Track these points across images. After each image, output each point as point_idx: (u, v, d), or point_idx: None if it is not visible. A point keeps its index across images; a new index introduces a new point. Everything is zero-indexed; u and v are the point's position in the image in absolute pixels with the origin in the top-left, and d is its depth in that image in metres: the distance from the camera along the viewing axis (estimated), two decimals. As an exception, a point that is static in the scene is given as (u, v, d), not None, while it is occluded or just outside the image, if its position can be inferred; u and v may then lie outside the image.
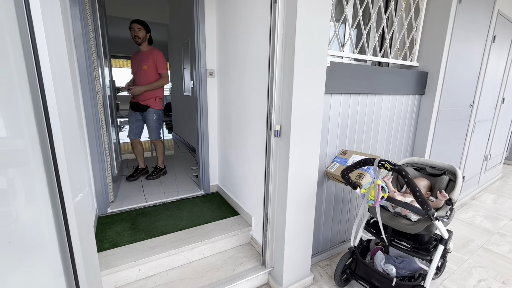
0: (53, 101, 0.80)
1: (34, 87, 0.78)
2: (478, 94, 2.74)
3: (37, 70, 0.77)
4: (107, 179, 2.16)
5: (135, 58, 2.72)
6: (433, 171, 1.74)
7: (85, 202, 0.96)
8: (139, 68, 2.64)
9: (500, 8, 2.60)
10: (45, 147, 0.83)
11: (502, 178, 3.95)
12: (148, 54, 2.64)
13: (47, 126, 0.80)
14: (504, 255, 2.08)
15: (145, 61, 2.61)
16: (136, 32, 2.58)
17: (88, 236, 1.01)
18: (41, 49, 0.76)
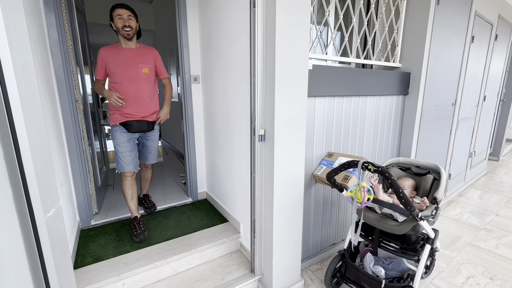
0: (19, 112, 0.75)
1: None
2: (460, 92, 2.80)
3: None
4: (90, 190, 2.09)
5: (115, 56, 1.85)
6: (418, 170, 1.75)
7: (58, 217, 0.91)
8: (134, 72, 1.88)
9: (477, 9, 2.68)
10: (11, 161, 0.79)
11: (487, 174, 4.04)
12: (143, 53, 1.96)
13: (12, 138, 0.76)
14: (491, 251, 2.11)
15: (142, 61, 1.93)
16: (126, 21, 1.81)
17: (63, 253, 0.96)
18: (3, 56, 0.72)
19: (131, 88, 1.88)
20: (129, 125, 1.92)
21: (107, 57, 1.84)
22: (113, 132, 1.92)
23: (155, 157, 2.22)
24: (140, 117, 1.96)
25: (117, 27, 1.83)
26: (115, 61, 1.85)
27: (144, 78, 1.93)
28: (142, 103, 1.94)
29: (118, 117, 1.90)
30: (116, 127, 1.92)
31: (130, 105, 1.89)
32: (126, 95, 1.87)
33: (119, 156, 1.93)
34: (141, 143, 2.12)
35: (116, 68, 1.85)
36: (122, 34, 1.85)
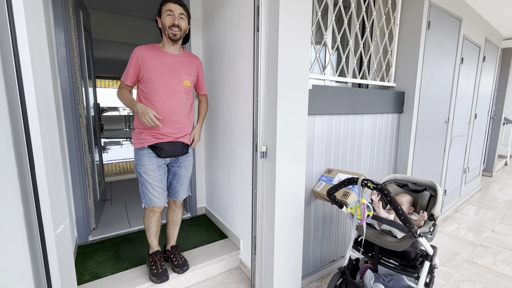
0: (37, 133, 0.78)
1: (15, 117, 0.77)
2: (452, 111, 2.91)
3: (21, 101, 0.76)
4: (89, 205, 2.08)
5: (155, 60, 1.50)
6: (415, 187, 1.80)
7: (66, 233, 0.92)
8: (174, 83, 1.53)
9: (465, 33, 2.84)
10: (24, 178, 0.81)
11: (481, 189, 4.11)
12: (187, 61, 1.61)
13: (28, 157, 0.79)
14: (488, 267, 2.13)
15: (185, 71, 1.57)
16: (177, 19, 1.47)
17: (69, 271, 0.96)
18: (27, 82, 0.76)
19: (168, 102, 1.51)
20: (160, 148, 1.54)
21: (145, 59, 1.47)
22: (139, 156, 1.53)
23: (188, 190, 1.77)
24: (174, 139, 1.58)
25: (163, 25, 1.48)
26: (154, 65, 1.48)
27: (184, 92, 1.57)
28: (179, 122, 1.58)
29: (147, 138, 1.51)
30: (144, 150, 1.52)
31: (165, 124, 1.52)
32: (161, 110, 1.49)
33: (147, 187, 1.54)
34: (171, 171, 1.69)
35: (154, 74, 1.48)
36: (168, 34, 1.49)
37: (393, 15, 2.21)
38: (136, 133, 1.57)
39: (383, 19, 2.14)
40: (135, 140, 1.56)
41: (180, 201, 1.75)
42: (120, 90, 1.54)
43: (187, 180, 1.74)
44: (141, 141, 1.53)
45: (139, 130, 1.55)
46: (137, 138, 1.56)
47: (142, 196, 1.59)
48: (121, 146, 7.33)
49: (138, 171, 1.56)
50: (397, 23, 2.23)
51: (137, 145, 1.55)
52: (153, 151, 1.54)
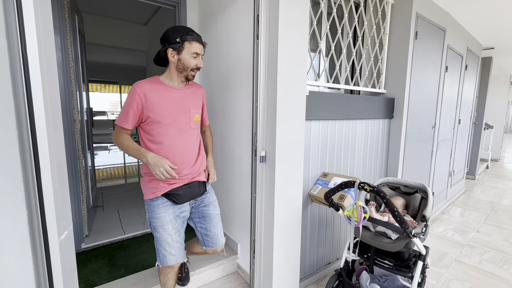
0: (44, 137, 0.78)
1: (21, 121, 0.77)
2: (438, 116, 3.04)
3: (28, 104, 0.76)
4: (82, 212, 2.03)
5: (162, 98, 1.28)
6: (406, 189, 1.87)
7: (70, 240, 0.91)
8: (185, 120, 1.34)
9: (449, 43, 2.99)
10: (28, 184, 0.80)
11: (466, 192, 4.28)
12: (193, 93, 1.41)
13: (35, 162, 0.78)
14: (475, 267, 2.22)
15: (193, 105, 1.39)
16: (200, 61, 1.32)
17: (71, 279, 0.94)
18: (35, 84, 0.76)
19: (180, 143, 1.32)
20: (176, 194, 1.31)
21: (148, 97, 1.23)
22: (153, 208, 1.30)
23: (222, 235, 1.51)
24: (190, 179, 1.37)
25: (185, 64, 1.26)
26: (160, 104, 1.25)
27: (195, 127, 1.40)
28: (192, 161, 1.37)
29: (160, 186, 1.29)
30: (158, 200, 1.29)
31: (178, 167, 1.30)
32: (173, 154, 1.29)
33: (162, 245, 1.30)
34: (198, 215, 1.45)
35: (162, 115, 1.25)
36: (187, 75, 1.30)
37: (383, 25, 2.31)
38: (145, 181, 1.32)
39: (374, 28, 2.24)
40: (145, 189, 1.32)
41: (221, 246, 1.48)
42: (119, 136, 1.25)
43: (220, 219, 1.50)
44: (152, 190, 1.29)
45: (149, 178, 1.30)
46: (147, 187, 1.31)
47: (157, 253, 1.34)
48: (108, 151, 7.17)
49: (153, 225, 1.31)
50: (386, 33, 2.34)
51: (149, 195, 1.30)
52: (168, 199, 1.31)
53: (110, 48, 5.89)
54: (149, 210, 1.32)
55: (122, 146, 1.25)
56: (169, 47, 1.24)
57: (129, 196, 3.18)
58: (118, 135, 1.27)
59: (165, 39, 1.26)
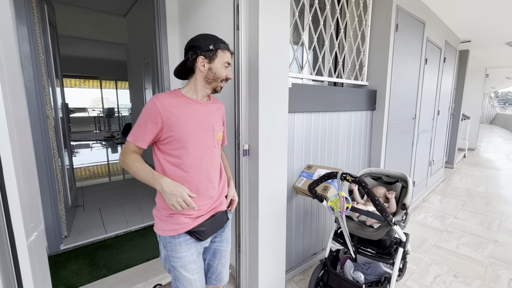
0: (5, 134, 0.72)
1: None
2: (418, 108, 3.13)
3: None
4: (60, 212, 1.95)
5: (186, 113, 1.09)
6: (388, 179, 1.91)
7: (40, 241, 0.86)
8: (209, 139, 1.15)
9: (428, 35, 3.06)
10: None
11: (444, 180, 4.46)
12: (215, 109, 1.22)
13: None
14: (453, 251, 2.33)
15: (217, 123, 1.20)
16: (230, 72, 1.16)
17: (43, 280, 0.90)
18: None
19: (204, 165, 1.12)
20: (202, 231, 1.12)
21: (171, 114, 1.04)
22: (173, 246, 1.09)
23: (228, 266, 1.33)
24: (212, 210, 1.17)
25: (216, 74, 1.11)
26: (184, 121, 1.06)
27: (217, 147, 1.20)
28: (215, 186, 1.18)
29: (183, 222, 1.08)
30: (179, 238, 1.09)
31: (201, 195, 1.11)
32: (197, 178, 1.10)
33: (184, 284, 1.11)
34: (209, 251, 1.25)
35: (186, 133, 1.07)
36: (216, 86, 1.15)
37: (365, 17, 2.32)
38: (162, 215, 1.09)
39: (355, 21, 2.24)
40: (162, 224, 1.08)
41: (224, 285, 1.32)
42: (128, 156, 1.03)
43: (229, 255, 1.31)
44: (173, 227, 1.07)
45: (168, 211, 1.07)
46: (166, 222, 1.08)
47: None
48: (91, 149, 6.93)
49: (172, 264, 1.10)
50: (368, 25, 2.35)
51: (168, 231, 1.07)
52: (192, 236, 1.10)
53: (87, 41, 5.64)
54: (168, 248, 1.09)
55: (131, 167, 1.03)
56: (201, 54, 1.08)
57: (112, 195, 3.09)
58: (127, 154, 1.04)
59: (195, 46, 1.09)
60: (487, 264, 2.12)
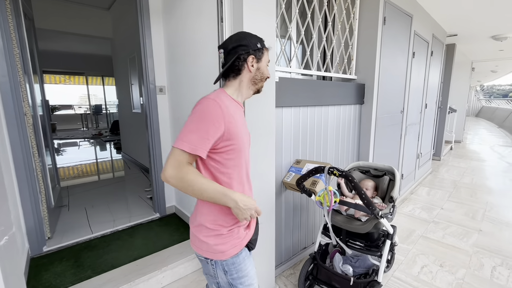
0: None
1: None
2: (406, 101, 3.16)
3: None
4: (42, 213, 1.88)
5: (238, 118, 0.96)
6: (376, 172, 1.92)
7: (12, 246, 0.82)
8: (248, 144, 1.06)
9: (415, 29, 3.07)
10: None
11: (432, 172, 4.56)
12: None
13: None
14: (439, 241, 2.38)
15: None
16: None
17: (17, 283, 0.86)
18: None
19: (246, 173, 1.05)
20: (255, 239, 1.08)
21: (232, 117, 0.92)
22: (238, 265, 0.97)
23: None
24: None
25: (263, 74, 1.05)
26: (240, 126, 0.96)
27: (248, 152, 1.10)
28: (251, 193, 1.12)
29: (242, 234, 0.99)
30: (242, 253, 0.98)
31: None
32: (243, 189, 1.02)
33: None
34: None
35: (241, 139, 0.96)
36: (259, 87, 1.08)
37: (353, 10, 2.30)
38: (219, 234, 0.93)
39: (343, 13, 2.22)
40: (220, 246, 0.93)
41: None
42: (188, 171, 0.83)
43: None
44: (234, 242, 0.95)
45: (226, 227, 0.94)
46: (226, 240, 0.94)
47: None
48: (78, 147, 6.75)
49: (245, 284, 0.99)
50: (356, 18, 2.34)
51: (231, 250, 0.94)
52: (247, 247, 1.02)
53: (70, 35, 5.44)
54: (233, 271, 0.95)
55: (195, 184, 0.83)
56: (251, 54, 0.99)
57: (99, 194, 3.01)
58: (184, 168, 0.82)
59: (243, 45, 0.97)
60: (472, 253, 2.18)
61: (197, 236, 0.94)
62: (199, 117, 0.86)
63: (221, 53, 1.00)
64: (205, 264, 0.97)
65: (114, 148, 6.36)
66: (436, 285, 1.81)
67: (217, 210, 0.92)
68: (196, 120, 0.86)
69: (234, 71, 0.99)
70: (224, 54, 0.99)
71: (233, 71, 1.00)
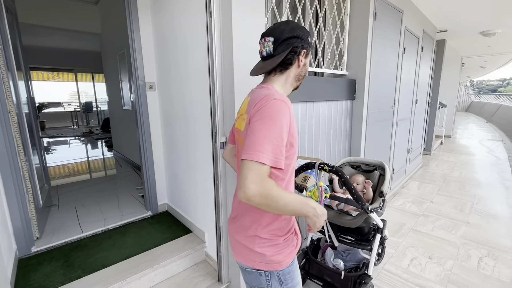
0: None
1: None
2: (397, 97, 3.19)
3: None
4: (29, 213, 1.84)
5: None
6: (367, 167, 1.94)
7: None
8: None
9: (406, 24, 3.09)
10: None
11: (422, 166, 4.63)
12: None
13: None
14: (428, 233, 2.43)
15: None
16: None
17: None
18: None
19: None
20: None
21: (293, 116, 0.83)
22: (292, 274, 0.92)
23: None
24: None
25: (306, 71, 0.99)
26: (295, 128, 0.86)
27: None
28: None
29: (295, 240, 0.94)
30: (295, 261, 0.95)
31: None
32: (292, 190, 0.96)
33: None
34: None
35: (297, 141, 0.89)
36: (299, 84, 1.01)
37: (344, 5, 2.30)
38: (277, 244, 0.87)
39: (334, 9, 2.22)
40: (278, 256, 0.86)
41: None
42: (272, 185, 0.72)
43: None
44: (290, 251, 0.90)
45: (282, 236, 0.88)
46: (283, 250, 0.88)
47: None
48: (68, 145, 6.62)
49: None
50: (347, 13, 2.33)
51: (288, 259, 0.89)
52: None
53: (57, 31, 5.30)
54: (288, 280, 0.90)
55: (281, 198, 0.73)
56: (305, 47, 0.91)
57: (89, 192, 2.97)
58: (268, 182, 0.71)
59: (298, 37, 0.88)
60: (460, 245, 2.23)
61: (250, 248, 0.86)
62: (272, 122, 0.74)
63: (268, 42, 0.87)
64: (255, 276, 0.89)
65: (106, 146, 6.26)
66: (425, 277, 1.85)
67: (274, 219, 0.86)
68: (269, 126, 0.74)
69: (283, 64, 0.89)
70: (274, 44, 0.86)
71: (281, 65, 0.89)
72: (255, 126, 0.74)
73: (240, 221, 0.89)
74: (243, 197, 0.70)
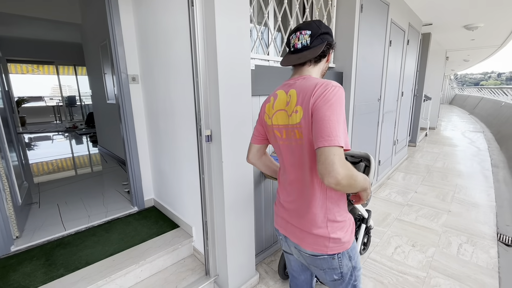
0: None
1: None
2: (383, 89, 3.23)
3: None
4: (7, 211, 1.77)
5: None
6: (352, 159, 1.96)
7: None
8: None
9: (392, 17, 3.11)
10: None
11: (408, 158, 4.75)
12: None
13: None
14: (412, 222, 2.50)
15: None
16: None
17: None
18: None
19: None
20: None
21: None
22: (355, 245, 0.98)
23: None
24: None
25: (327, 69, 1.06)
26: None
27: None
28: None
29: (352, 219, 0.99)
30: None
31: None
32: None
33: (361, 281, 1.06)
34: None
35: None
36: None
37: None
38: (344, 225, 0.91)
39: (321, 0, 2.19)
40: (346, 236, 0.90)
41: None
42: (350, 166, 0.76)
43: None
44: (353, 229, 0.95)
45: (345, 215, 0.92)
46: (349, 228, 0.92)
47: None
48: (51, 141, 6.39)
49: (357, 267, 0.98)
50: (334, 5, 2.32)
51: (353, 233, 0.95)
52: None
53: (36, 21, 5.04)
54: (355, 254, 0.95)
55: (357, 176, 0.77)
56: (334, 45, 0.97)
57: (73, 189, 2.89)
58: (348, 164, 0.74)
59: (330, 34, 0.94)
60: (441, 233, 2.32)
61: (326, 236, 0.87)
62: (339, 107, 0.78)
63: (305, 35, 0.91)
64: (327, 260, 0.91)
65: (90, 141, 6.09)
66: (408, 264, 1.91)
67: (339, 199, 0.89)
68: (338, 111, 0.78)
69: (317, 57, 0.93)
70: (311, 38, 0.91)
71: (316, 57, 0.93)
72: (325, 113, 0.76)
73: (306, 212, 0.90)
74: (333, 182, 0.71)
